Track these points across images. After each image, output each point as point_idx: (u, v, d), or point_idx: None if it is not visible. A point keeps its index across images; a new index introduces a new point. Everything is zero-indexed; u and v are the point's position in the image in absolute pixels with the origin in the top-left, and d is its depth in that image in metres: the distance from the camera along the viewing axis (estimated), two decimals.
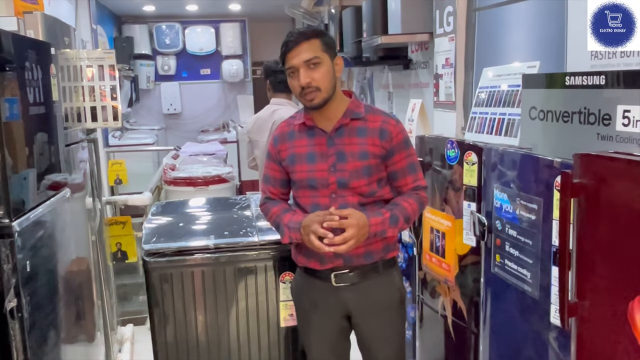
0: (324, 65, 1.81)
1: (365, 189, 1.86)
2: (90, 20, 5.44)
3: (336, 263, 1.89)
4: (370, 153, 1.85)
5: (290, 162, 1.93)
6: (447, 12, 2.96)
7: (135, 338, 3.51)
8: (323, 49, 1.82)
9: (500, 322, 1.89)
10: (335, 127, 1.88)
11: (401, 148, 1.88)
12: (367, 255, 1.90)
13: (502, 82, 2.29)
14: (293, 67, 1.81)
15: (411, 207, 1.87)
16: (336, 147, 1.87)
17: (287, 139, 1.95)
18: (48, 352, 1.90)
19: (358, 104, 1.92)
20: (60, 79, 2.30)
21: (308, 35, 1.81)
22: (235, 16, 8.27)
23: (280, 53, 1.85)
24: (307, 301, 2.02)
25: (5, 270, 1.61)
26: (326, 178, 1.86)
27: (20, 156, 1.75)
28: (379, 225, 1.81)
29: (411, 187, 1.91)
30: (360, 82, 5.21)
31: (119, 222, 3.43)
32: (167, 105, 8.42)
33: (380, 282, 1.94)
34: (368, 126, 1.87)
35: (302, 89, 1.80)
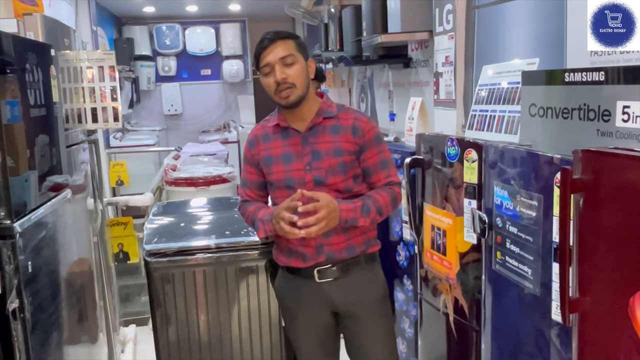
0: (298, 63, 1.87)
1: (342, 186, 1.91)
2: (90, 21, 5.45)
3: (319, 259, 1.93)
4: (345, 150, 1.90)
5: (267, 164, 1.96)
6: (446, 10, 2.96)
7: (138, 338, 3.52)
8: (297, 49, 1.88)
9: (502, 319, 1.88)
10: (309, 126, 1.92)
11: (373, 144, 1.94)
12: (348, 249, 1.94)
13: (502, 79, 2.29)
14: (269, 64, 1.85)
15: (383, 200, 1.92)
16: (311, 146, 1.91)
17: (262, 141, 1.99)
18: (50, 353, 1.91)
19: (330, 103, 1.98)
20: (60, 81, 2.30)
21: (283, 35, 1.88)
22: (235, 16, 8.28)
23: (254, 53, 1.90)
24: (292, 300, 2.05)
25: (7, 271, 1.62)
26: (302, 177, 1.90)
27: (22, 158, 1.76)
28: (350, 212, 1.85)
29: (384, 182, 1.96)
30: (360, 81, 5.21)
31: (120, 223, 3.44)
32: (168, 106, 8.42)
33: (363, 276, 1.99)
34: (341, 124, 1.93)
35: (278, 85, 1.84)
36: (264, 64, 1.86)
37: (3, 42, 1.66)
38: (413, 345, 2.74)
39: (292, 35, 1.92)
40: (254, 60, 1.93)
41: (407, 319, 2.78)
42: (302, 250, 1.95)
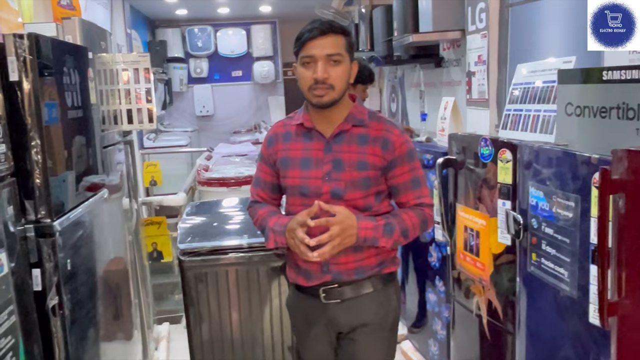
0: (343, 64, 1.67)
1: (361, 202, 1.71)
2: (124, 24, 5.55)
3: (324, 279, 1.75)
4: (370, 164, 1.70)
5: (283, 166, 1.78)
6: (479, 8, 2.93)
7: (171, 336, 3.57)
8: (346, 48, 1.68)
9: (537, 322, 1.85)
10: (335, 132, 1.73)
11: (404, 160, 1.73)
12: (358, 270, 1.74)
13: (537, 78, 2.26)
14: (312, 57, 1.64)
15: (411, 221, 1.71)
16: (333, 154, 1.72)
17: (282, 140, 1.80)
18: (88, 349, 1.95)
19: (362, 109, 1.78)
20: (97, 83, 2.35)
21: (336, 29, 1.66)
22: (266, 18, 8.33)
23: (298, 38, 1.68)
24: (300, 320, 1.89)
25: (47, 269, 1.66)
26: (319, 187, 1.71)
27: (60, 159, 1.80)
28: (370, 231, 1.65)
29: (414, 203, 1.76)
30: (391, 81, 5.19)
31: (154, 223, 3.50)
32: (200, 107, 8.53)
33: (373, 300, 1.78)
34: (370, 134, 1.72)
35: (315, 82, 1.64)
36: (307, 54, 1.65)
37: (42, 45, 1.70)
38: (445, 348, 2.71)
39: (345, 30, 1.70)
40: (295, 44, 1.70)
41: (439, 321, 2.75)
42: (307, 267, 1.77)
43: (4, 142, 1.53)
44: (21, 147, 1.65)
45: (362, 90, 3.51)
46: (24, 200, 1.66)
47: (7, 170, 1.55)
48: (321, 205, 1.62)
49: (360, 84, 3.46)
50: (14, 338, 1.47)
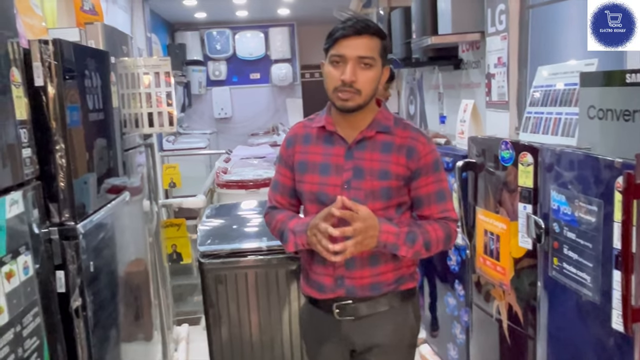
0: (375, 69, 1.57)
1: (381, 214, 1.60)
2: (144, 28, 5.61)
3: (337, 293, 1.65)
4: (393, 173, 1.61)
5: (300, 170, 1.69)
6: (499, 10, 2.91)
7: (190, 337, 3.60)
8: (380, 53, 1.58)
9: (559, 327, 1.83)
10: (358, 138, 1.63)
11: (429, 171, 1.63)
12: (373, 286, 1.65)
13: (558, 80, 2.23)
14: (342, 57, 1.54)
15: (435, 234, 1.62)
16: (354, 162, 1.63)
17: (301, 142, 1.71)
18: (110, 349, 1.98)
19: (387, 115, 1.68)
20: (119, 87, 2.39)
21: (373, 30, 1.55)
22: (284, 20, 8.36)
23: (331, 34, 1.58)
24: (312, 335, 1.80)
25: (71, 271, 1.69)
26: (338, 195, 1.59)
27: (83, 162, 1.83)
28: (392, 236, 1.56)
29: (438, 217, 1.66)
30: (409, 83, 5.17)
31: (174, 225, 3.53)
32: (218, 109, 8.59)
33: (390, 319, 1.69)
34: (394, 142, 1.63)
35: (342, 84, 1.55)
36: (337, 53, 1.55)
37: (66, 50, 1.73)
38: (464, 352, 2.70)
39: (382, 33, 1.59)
40: (326, 40, 1.59)
41: (459, 325, 2.74)
42: (320, 280, 1.68)
43: (29, 145, 1.56)
44: (46, 150, 1.68)
45: (384, 89, 3.48)
46: (49, 203, 1.68)
47: (33, 173, 1.58)
48: (344, 201, 1.52)
49: None
50: (39, 339, 1.50)
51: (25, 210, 1.49)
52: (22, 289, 1.43)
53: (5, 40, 1.48)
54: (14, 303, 1.38)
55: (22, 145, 1.53)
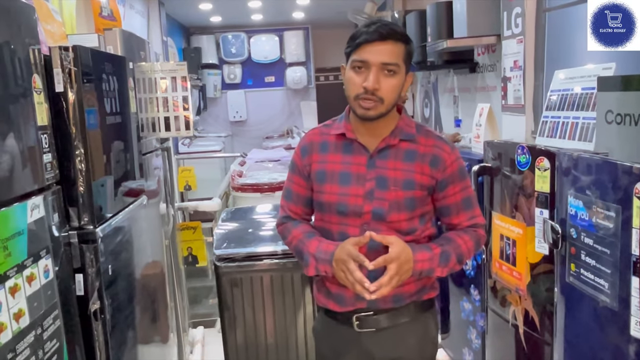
0: (398, 76, 1.50)
1: (405, 225, 1.57)
2: (161, 32, 5.66)
3: (358, 305, 1.60)
4: (417, 183, 1.56)
5: (319, 180, 1.62)
6: (515, 13, 2.90)
7: (206, 340, 3.62)
8: (405, 59, 1.51)
9: (576, 333, 1.82)
10: (381, 146, 1.57)
11: (456, 179, 1.59)
12: (396, 298, 1.59)
13: (575, 84, 2.22)
14: (365, 63, 1.48)
15: (466, 246, 1.59)
16: (377, 171, 1.56)
17: (318, 151, 1.64)
18: (127, 352, 2.00)
19: (409, 122, 1.62)
20: (136, 91, 2.41)
21: (398, 35, 1.49)
22: (299, 24, 8.39)
23: (353, 37, 1.52)
24: (328, 348, 1.71)
25: (90, 274, 1.71)
26: (360, 206, 1.56)
27: (99, 165, 1.85)
28: (426, 263, 1.52)
29: (466, 225, 1.63)
30: (424, 86, 5.17)
31: (189, 227, 3.55)
32: (233, 112, 8.63)
33: (412, 330, 1.64)
34: (418, 150, 1.57)
35: (364, 92, 1.48)
36: (360, 58, 1.48)
37: (86, 57, 1.75)
38: (480, 357, 2.69)
39: (407, 38, 1.52)
40: (348, 43, 1.53)
41: (474, 330, 2.73)
42: (340, 292, 1.61)
43: (50, 151, 1.59)
44: (65, 155, 1.70)
45: None
46: (68, 207, 1.71)
47: (53, 178, 1.60)
48: (373, 237, 1.48)
49: None
50: (59, 342, 1.52)
51: (46, 215, 1.52)
52: (42, 292, 1.45)
53: (27, 47, 1.51)
54: (34, 306, 1.40)
55: (43, 150, 1.55)
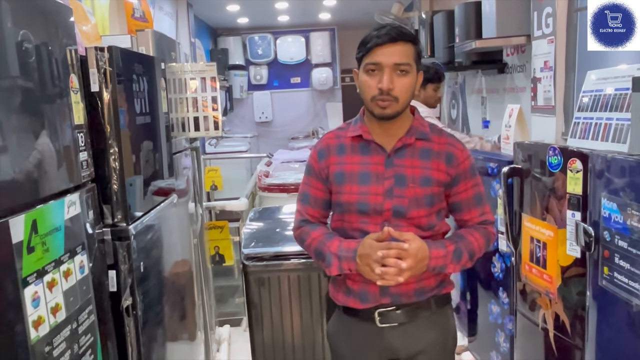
0: (411, 75, 1.57)
1: (424, 221, 1.63)
2: (189, 34, 5.73)
3: (381, 301, 1.64)
4: (434, 179, 1.62)
5: (338, 181, 1.66)
6: (545, 13, 2.87)
7: (232, 339, 3.65)
8: (415, 58, 1.58)
9: (608, 338, 1.79)
10: (397, 146, 1.63)
11: (467, 176, 1.66)
12: (418, 292, 1.65)
13: (608, 85, 2.18)
14: (378, 65, 1.54)
15: (477, 243, 1.65)
16: (395, 169, 1.62)
17: (335, 153, 1.68)
18: (157, 348, 2.03)
19: (423, 122, 1.69)
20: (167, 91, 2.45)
21: (408, 37, 1.56)
22: (325, 25, 8.41)
23: (364, 41, 1.58)
24: (347, 347, 1.73)
25: (123, 271, 1.74)
26: (380, 204, 1.60)
27: (133, 164, 1.88)
28: (440, 259, 1.58)
29: (477, 221, 1.69)
30: (451, 87, 5.13)
31: (217, 227, 3.59)
32: (259, 113, 8.69)
33: (433, 323, 1.69)
34: (433, 148, 1.64)
35: (380, 93, 1.55)
36: (373, 61, 1.55)
37: (120, 57, 1.79)
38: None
39: (415, 39, 1.60)
40: (359, 48, 1.59)
41: (502, 333, 2.70)
42: (364, 289, 1.64)
43: (85, 149, 1.62)
44: (99, 153, 1.74)
45: (433, 90, 3.45)
46: (102, 205, 1.74)
47: (89, 176, 1.64)
48: (391, 233, 1.52)
49: (431, 83, 3.41)
50: (93, 336, 1.55)
51: (82, 212, 1.55)
52: (78, 287, 1.48)
53: (65, 48, 1.55)
54: (70, 301, 1.43)
55: (80, 148, 1.58)
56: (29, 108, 1.35)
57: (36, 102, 1.38)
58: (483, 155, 2.88)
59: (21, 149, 1.30)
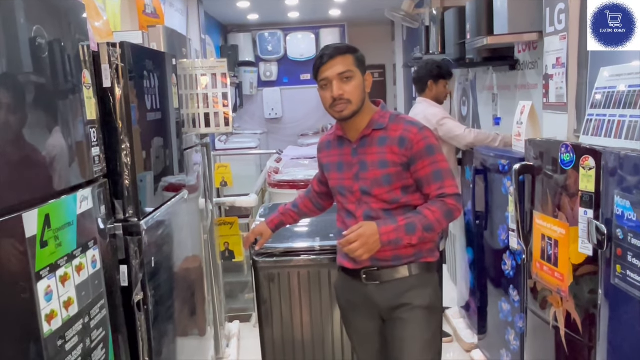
0: (355, 79, 1.88)
1: (387, 197, 1.92)
2: (199, 30, 5.75)
3: (365, 264, 1.95)
4: (390, 161, 1.90)
5: (327, 170, 2.08)
6: (558, 9, 2.84)
7: (241, 334, 3.66)
8: (355, 65, 1.89)
9: (621, 337, 1.78)
10: (359, 137, 1.96)
11: (423, 155, 1.89)
12: (394, 258, 1.94)
13: (621, 82, 2.16)
14: (326, 79, 1.87)
15: (433, 215, 1.87)
16: (359, 157, 1.95)
17: (325, 149, 2.09)
18: (167, 343, 2.04)
19: (383, 114, 1.97)
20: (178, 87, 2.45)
21: (342, 50, 1.89)
22: (335, 21, 8.39)
23: (313, 66, 1.92)
24: (345, 300, 2.10)
25: (134, 266, 1.75)
26: (351, 186, 1.96)
27: (144, 159, 1.89)
28: (392, 234, 1.84)
29: (436, 194, 1.91)
30: (462, 84, 5.10)
31: (227, 223, 3.60)
32: (269, 110, 8.69)
33: (410, 283, 1.96)
34: (389, 135, 1.92)
35: (334, 101, 1.87)
36: (321, 78, 1.89)
37: (132, 53, 1.79)
38: (518, 358, 2.65)
39: (352, 49, 1.94)
40: (312, 73, 1.95)
41: (513, 331, 2.69)
42: None
43: (97, 144, 1.63)
44: (111, 149, 1.75)
45: (444, 85, 3.58)
46: (114, 200, 1.75)
47: (101, 171, 1.65)
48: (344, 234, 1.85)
49: (442, 79, 3.56)
50: (105, 330, 1.56)
51: (94, 207, 1.56)
52: (90, 281, 1.49)
53: (77, 43, 1.55)
54: (83, 295, 1.44)
55: (92, 144, 1.59)
56: (42, 103, 1.35)
57: (49, 98, 1.39)
58: (494, 153, 2.87)
59: (34, 144, 1.31)
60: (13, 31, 1.26)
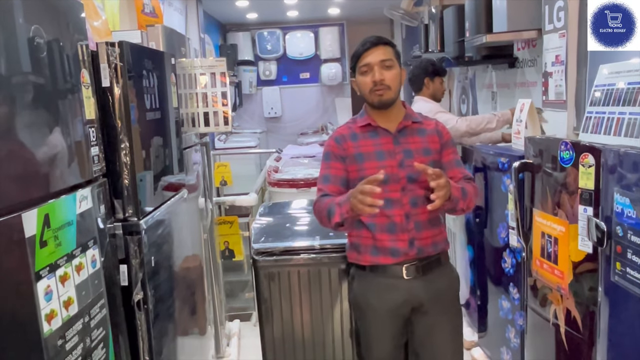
0: (395, 68, 2.00)
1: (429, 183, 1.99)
2: (198, 29, 5.74)
3: (410, 254, 2.00)
4: (433, 149, 2.07)
5: (358, 160, 2.04)
6: (557, 7, 2.84)
7: (242, 333, 3.66)
8: (395, 56, 2.02)
9: (621, 334, 1.78)
10: (399, 127, 2.06)
11: (449, 145, 2.13)
12: (434, 245, 2.05)
13: (620, 79, 2.16)
14: (368, 65, 1.97)
15: (473, 190, 2.07)
16: (402, 146, 2.04)
17: (350, 140, 2.07)
18: (168, 342, 2.04)
19: (412, 111, 2.15)
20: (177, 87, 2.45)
21: (384, 40, 2.02)
22: (334, 20, 8.38)
23: (354, 54, 2.03)
24: (378, 300, 2.06)
25: (134, 265, 1.75)
26: (396, 174, 2.00)
27: (143, 159, 1.89)
28: (457, 191, 1.95)
29: (460, 176, 2.09)
30: (461, 82, 5.10)
31: (226, 222, 3.60)
32: (268, 109, 8.69)
33: (444, 273, 2.10)
34: (425, 128, 2.10)
35: (374, 85, 1.96)
36: (363, 64, 1.98)
37: (130, 52, 1.79)
38: (518, 356, 2.65)
39: (392, 42, 2.06)
40: (351, 60, 2.05)
41: (513, 329, 2.69)
42: (394, 245, 2.01)
43: (97, 144, 1.63)
44: (110, 148, 1.75)
45: (440, 82, 3.66)
46: (113, 200, 1.75)
47: (100, 170, 1.64)
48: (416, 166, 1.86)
49: (438, 76, 3.64)
50: (105, 330, 1.56)
51: (93, 206, 1.56)
52: (90, 281, 1.49)
53: (76, 43, 1.55)
54: (82, 294, 1.44)
55: (91, 143, 1.59)
56: (40, 103, 1.35)
57: (48, 97, 1.39)
58: (494, 150, 2.87)
59: (33, 144, 1.31)
60: (11, 31, 1.25)
